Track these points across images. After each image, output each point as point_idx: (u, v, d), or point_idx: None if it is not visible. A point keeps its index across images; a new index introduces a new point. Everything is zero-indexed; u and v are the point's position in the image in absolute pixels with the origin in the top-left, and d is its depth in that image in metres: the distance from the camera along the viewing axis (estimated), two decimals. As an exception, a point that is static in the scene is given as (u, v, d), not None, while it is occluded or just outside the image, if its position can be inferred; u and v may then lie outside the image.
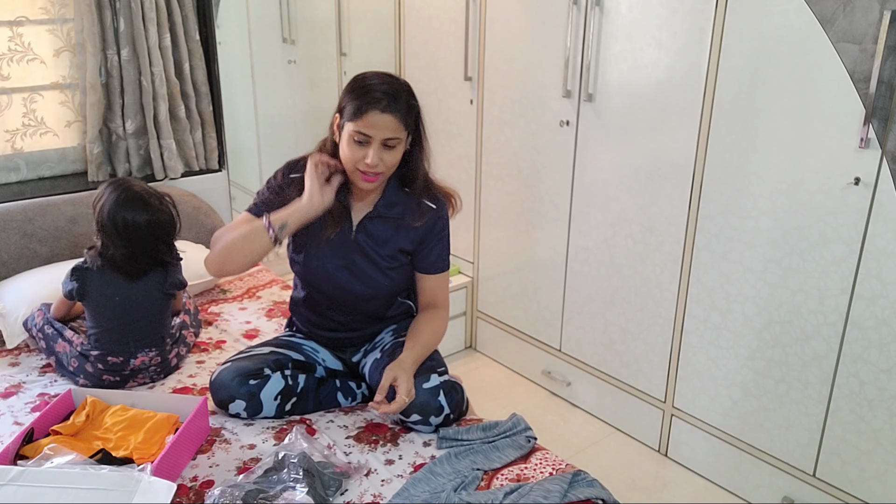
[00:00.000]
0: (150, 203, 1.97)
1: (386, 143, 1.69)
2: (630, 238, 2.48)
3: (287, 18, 3.55)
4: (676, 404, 2.47)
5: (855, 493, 2.05)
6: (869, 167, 1.86)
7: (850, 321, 1.98)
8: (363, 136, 1.67)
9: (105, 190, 1.98)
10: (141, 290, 1.98)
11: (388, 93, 1.67)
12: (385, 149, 1.70)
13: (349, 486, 1.59)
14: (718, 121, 2.15)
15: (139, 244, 1.95)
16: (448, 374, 1.84)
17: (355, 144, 1.69)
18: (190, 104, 2.78)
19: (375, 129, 1.67)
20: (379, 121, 1.66)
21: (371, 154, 1.68)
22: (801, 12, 1.92)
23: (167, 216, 2.00)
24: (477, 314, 3.22)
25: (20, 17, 2.51)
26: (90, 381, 1.95)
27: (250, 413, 1.82)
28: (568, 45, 2.49)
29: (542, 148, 2.70)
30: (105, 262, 1.95)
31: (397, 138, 1.70)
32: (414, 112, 1.74)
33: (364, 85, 1.69)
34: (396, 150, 1.72)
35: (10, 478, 1.42)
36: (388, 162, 1.71)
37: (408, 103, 1.71)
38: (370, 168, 1.70)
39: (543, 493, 1.52)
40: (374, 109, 1.66)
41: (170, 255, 2.03)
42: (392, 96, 1.67)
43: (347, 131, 1.70)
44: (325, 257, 1.84)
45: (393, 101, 1.67)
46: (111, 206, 1.93)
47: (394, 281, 1.88)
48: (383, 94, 1.67)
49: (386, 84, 1.69)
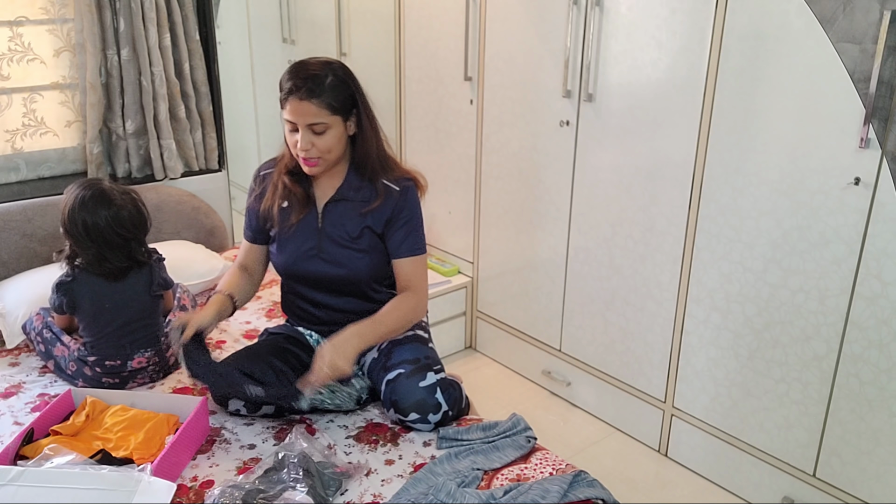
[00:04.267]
0: (112, 199, 1.92)
1: (312, 129, 1.74)
2: (630, 238, 2.48)
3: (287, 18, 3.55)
4: (676, 404, 2.47)
5: (855, 493, 2.05)
6: (869, 167, 1.86)
7: (850, 321, 1.98)
8: (290, 123, 1.75)
9: (68, 192, 1.96)
10: (129, 293, 1.96)
11: (306, 79, 1.71)
12: (314, 134, 1.75)
13: (349, 486, 1.59)
14: (718, 121, 2.15)
15: (104, 243, 1.91)
16: (445, 373, 1.85)
17: (290, 132, 1.78)
18: (190, 104, 2.78)
19: (297, 115, 1.73)
20: (298, 108, 1.72)
21: (299, 140, 1.74)
22: (801, 12, 1.92)
23: (129, 211, 1.94)
24: (477, 314, 3.22)
25: (20, 17, 2.51)
26: (90, 384, 1.95)
27: (250, 410, 1.82)
28: (568, 45, 2.49)
29: (542, 148, 2.70)
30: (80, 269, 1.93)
31: (322, 123, 1.74)
32: (344, 95, 1.76)
33: (288, 73, 1.76)
34: (327, 134, 1.75)
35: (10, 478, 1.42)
36: (320, 146, 1.76)
37: (333, 89, 1.74)
38: (305, 153, 1.76)
39: (542, 493, 1.52)
40: (293, 97, 1.72)
41: (143, 255, 1.99)
42: (311, 81, 1.71)
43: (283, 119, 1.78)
44: (295, 248, 1.88)
45: (312, 86, 1.71)
46: (71, 208, 1.91)
47: (372, 260, 1.88)
48: (302, 82, 1.71)
49: (307, 70, 1.73)
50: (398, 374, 1.79)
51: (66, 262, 1.94)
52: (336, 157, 1.81)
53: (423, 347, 1.89)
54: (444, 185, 3.18)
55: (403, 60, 3.22)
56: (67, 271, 1.95)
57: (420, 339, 1.93)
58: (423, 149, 3.24)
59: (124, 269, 1.96)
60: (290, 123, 1.75)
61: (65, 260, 1.95)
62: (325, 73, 1.74)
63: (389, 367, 1.82)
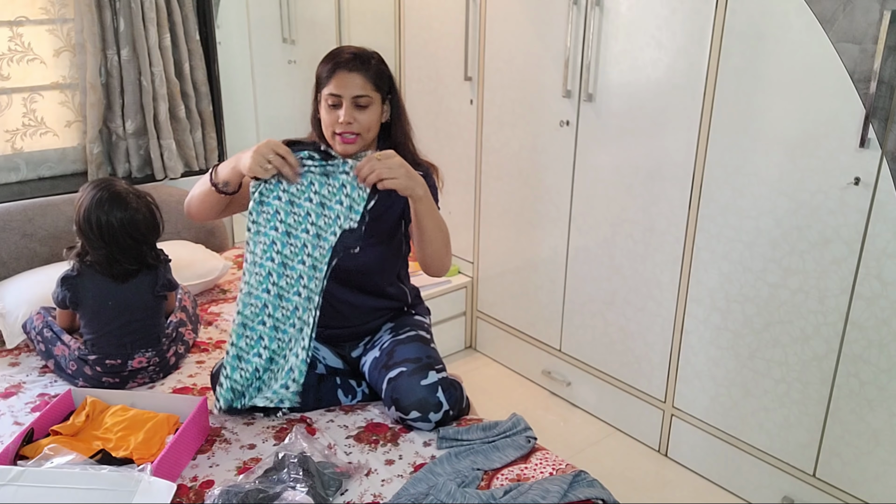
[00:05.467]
0: (127, 202, 1.94)
1: (357, 103, 1.78)
2: (630, 238, 2.48)
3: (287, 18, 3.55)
4: (676, 404, 2.47)
5: (855, 493, 2.05)
6: (869, 167, 1.86)
7: (850, 321, 1.98)
8: (335, 97, 1.77)
9: (84, 190, 1.97)
10: (133, 293, 1.97)
11: (355, 54, 1.79)
12: (357, 108, 1.78)
13: (349, 486, 1.59)
14: (718, 121, 2.15)
15: (116, 245, 1.93)
16: (446, 373, 1.85)
17: (331, 109, 1.79)
18: (190, 104, 2.78)
19: (344, 87, 1.77)
20: (347, 79, 1.77)
21: (342, 113, 1.77)
22: (801, 12, 1.92)
23: (143, 215, 1.97)
24: (477, 314, 3.22)
25: (20, 17, 2.51)
26: (90, 383, 1.95)
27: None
28: (568, 45, 2.49)
29: (542, 148, 2.70)
30: (87, 266, 1.94)
31: (367, 96, 1.78)
32: (385, 77, 1.83)
33: (333, 53, 1.83)
34: (369, 109, 1.80)
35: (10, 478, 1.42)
36: (361, 121, 1.79)
37: (378, 67, 1.81)
38: (345, 127, 1.77)
39: (542, 493, 1.52)
40: (341, 70, 1.77)
41: (153, 258, 2.01)
42: (359, 58, 1.79)
43: (323, 98, 1.80)
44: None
45: (360, 61, 1.79)
46: (87, 207, 1.92)
47: (384, 252, 1.91)
48: (351, 56, 1.79)
49: (354, 50, 1.82)
50: (400, 373, 1.79)
51: (76, 259, 1.95)
52: (372, 138, 1.85)
53: (425, 347, 1.89)
54: (445, 185, 3.17)
55: (403, 60, 3.22)
56: (74, 266, 1.96)
57: (422, 338, 1.93)
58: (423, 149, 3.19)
59: (133, 272, 1.97)
60: (333, 97, 1.77)
61: (75, 257, 1.95)
62: (370, 53, 1.83)
63: (391, 366, 1.82)
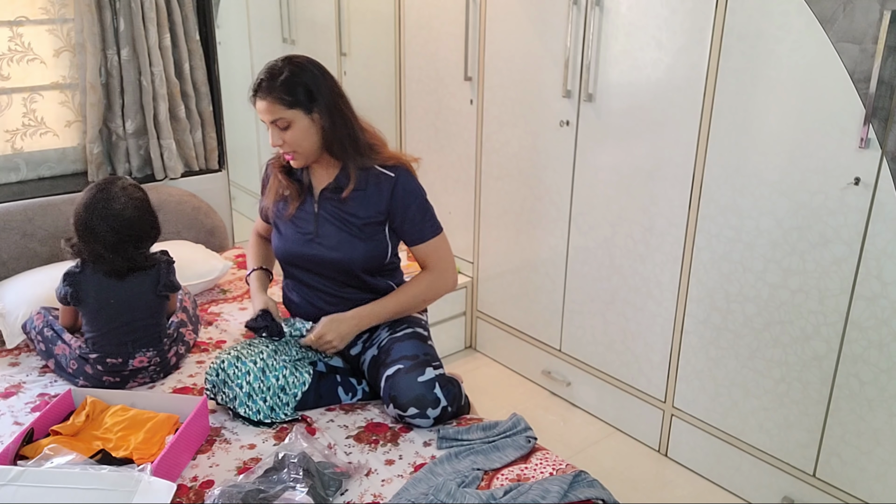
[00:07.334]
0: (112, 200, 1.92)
1: (277, 125, 1.80)
2: (630, 238, 2.48)
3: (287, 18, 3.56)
4: (676, 404, 2.47)
5: (855, 493, 2.05)
6: (869, 167, 1.86)
7: (850, 321, 1.98)
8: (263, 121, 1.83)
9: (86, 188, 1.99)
10: (135, 292, 1.97)
11: (262, 79, 1.79)
12: (280, 130, 1.81)
13: (349, 486, 1.59)
14: (718, 121, 2.15)
15: (100, 243, 1.92)
16: (444, 370, 1.85)
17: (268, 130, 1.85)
18: (190, 104, 2.78)
19: (261, 113, 1.81)
20: (260, 106, 1.80)
21: (270, 136, 1.83)
22: (801, 12, 1.92)
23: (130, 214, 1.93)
24: (477, 314, 3.22)
25: (20, 17, 2.51)
26: (90, 382, 1.95)
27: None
28: (568, 45, 2.49)
29: (542, 148, 2.70)
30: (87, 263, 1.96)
31: (281, 118, 1.79)
32: (301, 89, 1.79)
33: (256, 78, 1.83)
34: (292, 129, 1.81)
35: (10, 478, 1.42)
36: (289, 141, 1.82)
37: (287, 83, 1.78)
38: (279, 149, 1.84)
39: (542, 493, 1.52)
40: (255, 97, 1.81)
41: (141, 259, 1.99)
42: (266, 80, 1.79)
43: None
44: (293, 233, 1.94)
45: (265, 85, 1.78)
46: (78, 202, 1.95)
47: (368, 248, 1.90)
48: (258, 83, 1.80)
49: (266, 69, 1.81)
50: (397, 370, 1.80)
51: (72, 251, 1.97)
52: (311, 150, 1.85)
53: (422, 344, 1.89)
54: (444, 185, 3.18)
55: (403, 60, 3.22)
56: (77, 262, 1.97)
57: (419, 336, 1.93)
58: (423, 149, 3.23)
59: (126, 270, 1.97)
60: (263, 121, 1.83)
61: (70, 248, 1.97)
62: (282, 68, 1.79)
63: (388, 363, 1.83)
